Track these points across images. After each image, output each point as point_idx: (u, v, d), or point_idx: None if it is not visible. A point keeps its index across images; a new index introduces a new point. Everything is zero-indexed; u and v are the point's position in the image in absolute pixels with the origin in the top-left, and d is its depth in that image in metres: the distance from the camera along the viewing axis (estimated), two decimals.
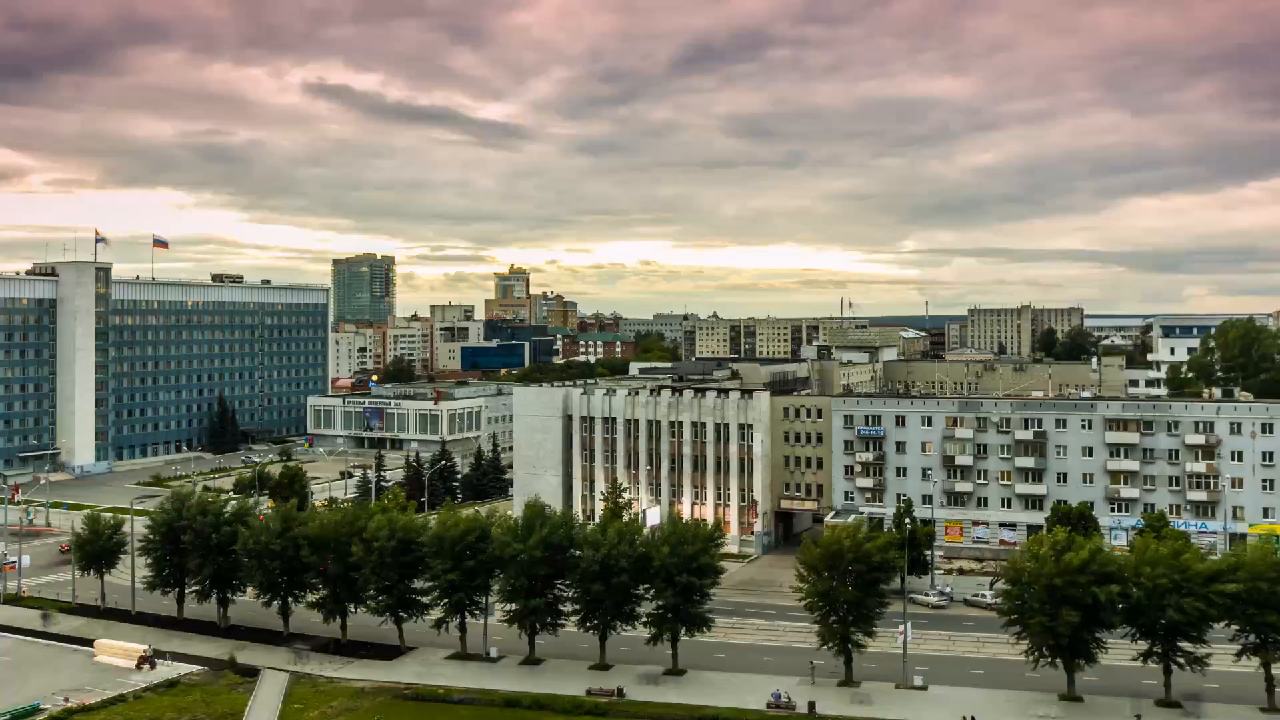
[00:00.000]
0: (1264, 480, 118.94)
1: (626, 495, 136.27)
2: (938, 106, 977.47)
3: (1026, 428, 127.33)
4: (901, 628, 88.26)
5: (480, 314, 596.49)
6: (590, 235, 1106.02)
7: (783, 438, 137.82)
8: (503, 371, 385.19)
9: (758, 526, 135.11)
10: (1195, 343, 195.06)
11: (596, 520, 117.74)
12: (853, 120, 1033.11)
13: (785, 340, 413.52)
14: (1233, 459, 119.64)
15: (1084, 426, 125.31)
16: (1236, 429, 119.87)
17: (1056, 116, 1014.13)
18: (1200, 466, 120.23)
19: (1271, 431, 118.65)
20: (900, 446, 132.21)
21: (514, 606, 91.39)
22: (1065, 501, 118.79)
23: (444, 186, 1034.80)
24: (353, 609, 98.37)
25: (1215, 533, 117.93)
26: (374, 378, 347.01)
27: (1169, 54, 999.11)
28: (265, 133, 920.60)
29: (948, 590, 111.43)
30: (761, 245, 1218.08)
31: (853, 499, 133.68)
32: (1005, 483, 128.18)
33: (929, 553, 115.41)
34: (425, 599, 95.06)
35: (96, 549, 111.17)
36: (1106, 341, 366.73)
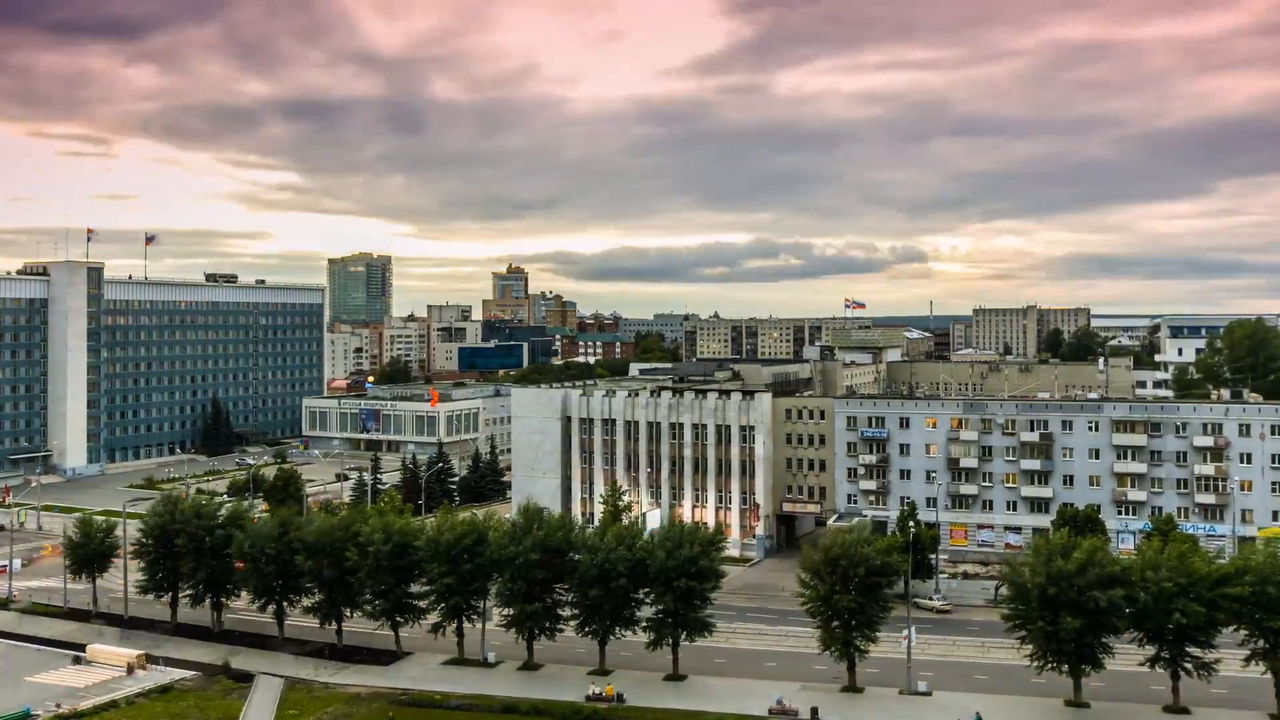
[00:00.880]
0: (1273, 483, 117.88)
1: (626, 498, 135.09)
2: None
3: (1032, 429, 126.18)
4: (905, 632, 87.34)
5: (478, 314, 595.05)
6: (669, 223, 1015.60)
7: (784, 439, 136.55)
8: (500, 372, 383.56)
9: (759, 530, 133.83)
10: (1204, 343, 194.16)
11: (596, 523, 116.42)
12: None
13: (787, 341, 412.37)
14: (1241, 461, 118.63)
15: (1090, 428, 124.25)
16: (1245, 430, 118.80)
17: None
18: (1208, 469, 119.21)
19: None
20: (904, 448, 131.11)
21: (512, 611, 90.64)
22: (1072, 504, 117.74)
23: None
24: (349, 613, 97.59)
25: (1224, 536, 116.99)
26: (370, 379, 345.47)
27: None
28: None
29: (946, 601, 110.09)
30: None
31: (856, 502, 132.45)
32: (1010, 485, 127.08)
33: (933, 556, 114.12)
34: (422, 603, 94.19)
35: (88, 552, 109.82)
36: (1114, 342, 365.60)
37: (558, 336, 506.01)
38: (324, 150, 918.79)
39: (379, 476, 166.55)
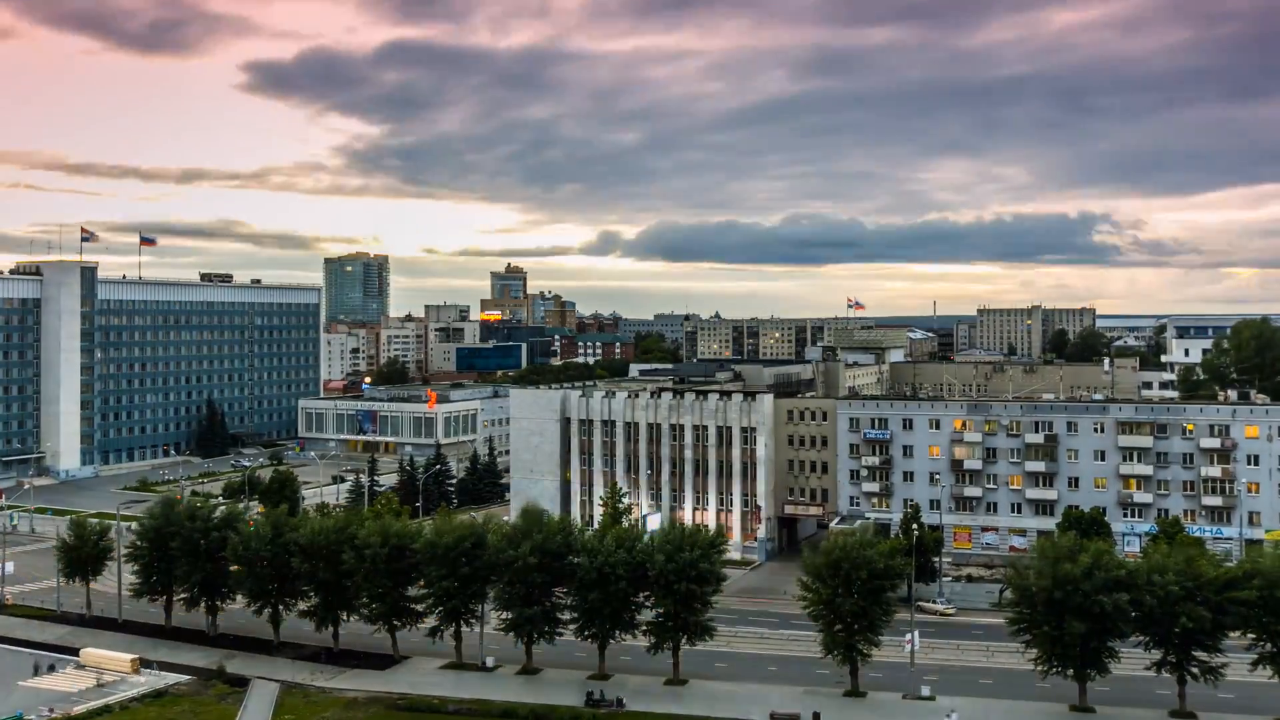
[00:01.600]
0: None
1: (626, 500, 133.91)
2: None
3: (1037, 431, 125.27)
4: (909, 636, 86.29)
5: (476, 314, 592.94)
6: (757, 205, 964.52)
7: (786, 441, 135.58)
8: (499, 373, 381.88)
9: (761, 532, 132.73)
10: (1210, 344, 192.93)
11: (595, 526, 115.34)
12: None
13: (789, 341, 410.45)
14: (1248, 463, 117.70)
15: (1096, 430, 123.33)
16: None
17: None
18: (1215, 470, 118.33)
19: None
20: (907, 450, 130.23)
21: (510, 615, 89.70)
22: (1077, 507, 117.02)
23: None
24: (345, 617, 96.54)
25: (1231, 539, 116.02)
26: (367, 379, 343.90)
27: None
28: None
29: (950, 604, 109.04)
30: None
31: (858, 504, 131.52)
32: (1015, 487, 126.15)
33: (936, 559, 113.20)
34: (419, 607, 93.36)
35: (82, 556, 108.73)
36: (1119, 342, 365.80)
37: (557, 337, 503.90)
38: (420, 113, 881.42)
39: (376, 478, 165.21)
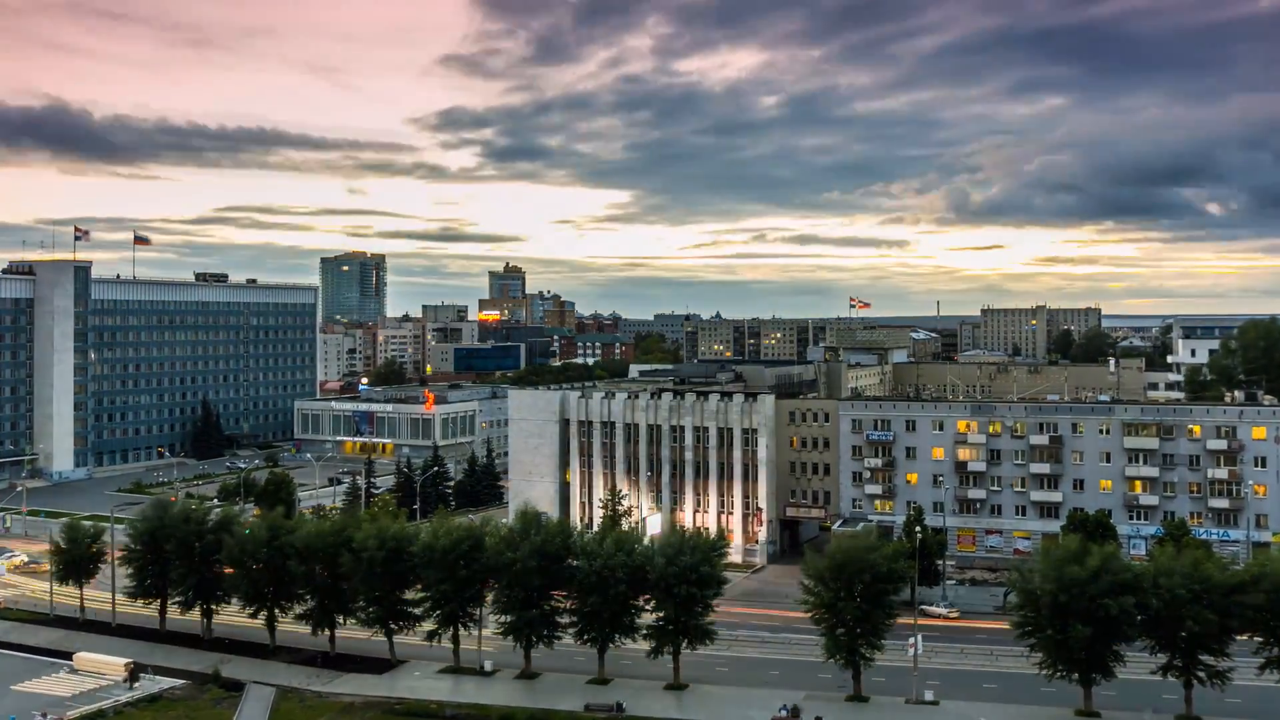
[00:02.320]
0: None
1: (626, 502, 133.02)
2: None
3: (1041, 432, 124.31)
4: (912, 640, 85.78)
5: (474, 314, 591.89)
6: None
7: (788, 443, 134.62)
8: (497, 374, 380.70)
9: (762, 535, 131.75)
10: (1217, 344, 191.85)
11: (595, 528, 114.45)
12: None
13: (791, 342, 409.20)
14: (1255, 465, 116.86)
15: (1101, 431, 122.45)
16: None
17: None
18: (1222, 472, 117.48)
19: None
20: (910, 452, 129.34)
21: (509, 618, 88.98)
22: (1082, 509, 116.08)
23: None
24: (341, 621, 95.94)
25: (1238, 541, 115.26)
26: (364, 380, 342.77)
27: None
28: None
29: (953, 608, 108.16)
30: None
31: (861, 506, 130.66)
32: (1019, 489, 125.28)
33: (940, 562, 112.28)
34: (417, 610, 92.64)
35: (75, 558, 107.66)
36: (1125, 343, 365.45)
37: (556, 337, 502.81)
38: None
39: (373, 480, 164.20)
